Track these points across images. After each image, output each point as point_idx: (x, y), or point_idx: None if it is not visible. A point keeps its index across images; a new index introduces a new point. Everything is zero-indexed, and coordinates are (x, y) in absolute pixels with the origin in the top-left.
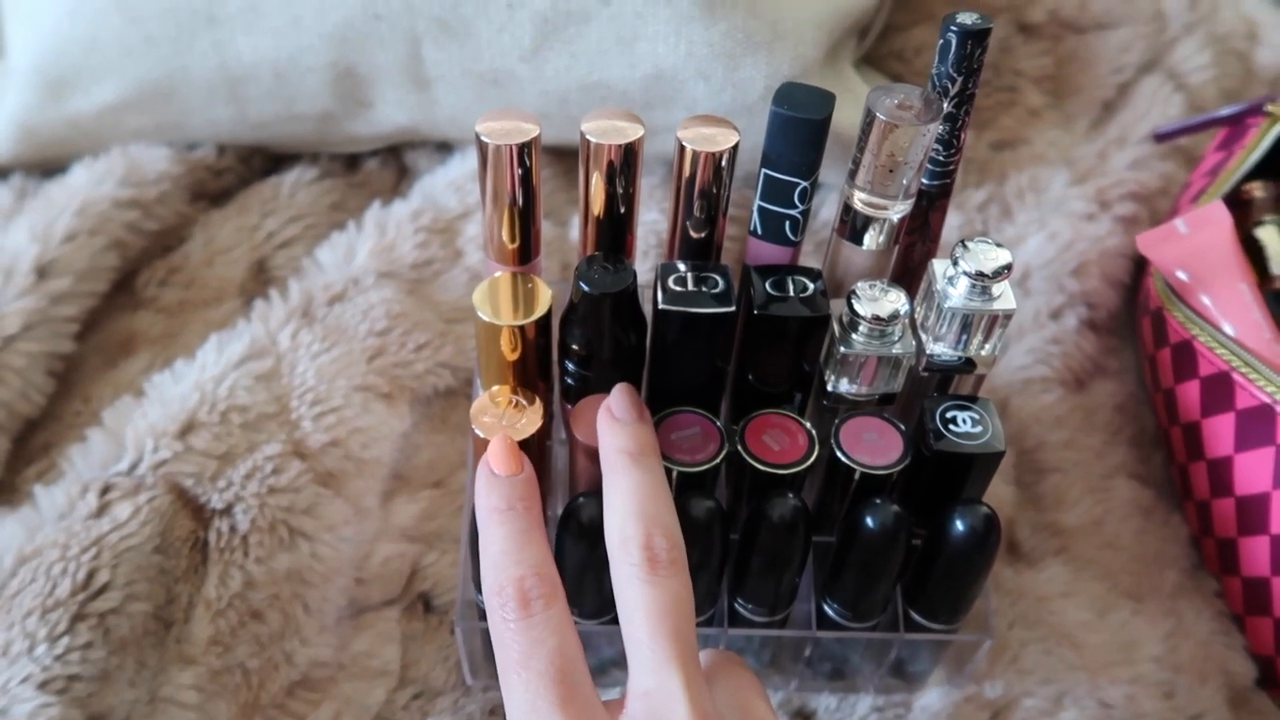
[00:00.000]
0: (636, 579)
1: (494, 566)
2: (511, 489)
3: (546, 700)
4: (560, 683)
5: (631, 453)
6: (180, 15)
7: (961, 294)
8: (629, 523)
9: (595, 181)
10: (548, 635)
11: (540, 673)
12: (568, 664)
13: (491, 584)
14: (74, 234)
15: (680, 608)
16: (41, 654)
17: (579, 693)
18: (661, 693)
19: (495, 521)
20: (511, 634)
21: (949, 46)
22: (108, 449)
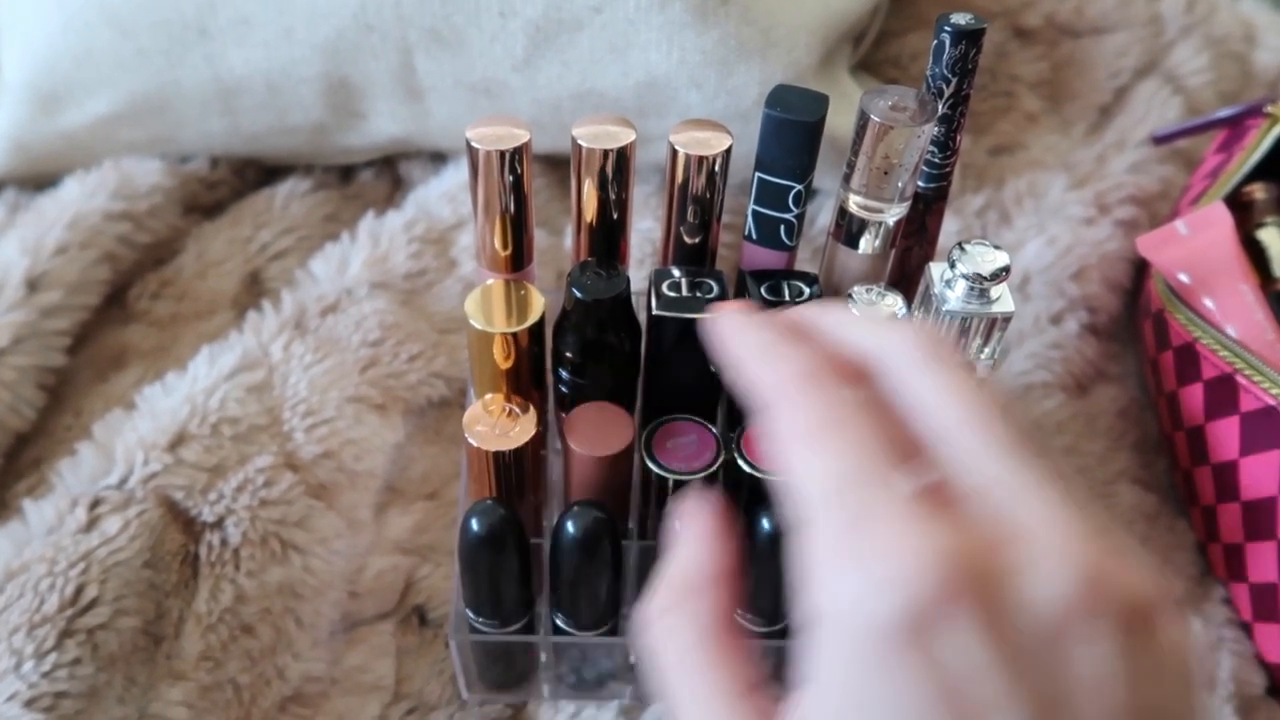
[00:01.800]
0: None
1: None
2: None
3: (873, 464)
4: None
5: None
6: (172, 28)
7: (959, 297)
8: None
9: (587, 187)
10: (852, 397)
11: (857, 431)
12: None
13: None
14: (65, 247)
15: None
16: (28, 671)
17: (903, 467)
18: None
19: (748, 328)
20: (807, 398)
21: (943, 47)
22: (97, 463)
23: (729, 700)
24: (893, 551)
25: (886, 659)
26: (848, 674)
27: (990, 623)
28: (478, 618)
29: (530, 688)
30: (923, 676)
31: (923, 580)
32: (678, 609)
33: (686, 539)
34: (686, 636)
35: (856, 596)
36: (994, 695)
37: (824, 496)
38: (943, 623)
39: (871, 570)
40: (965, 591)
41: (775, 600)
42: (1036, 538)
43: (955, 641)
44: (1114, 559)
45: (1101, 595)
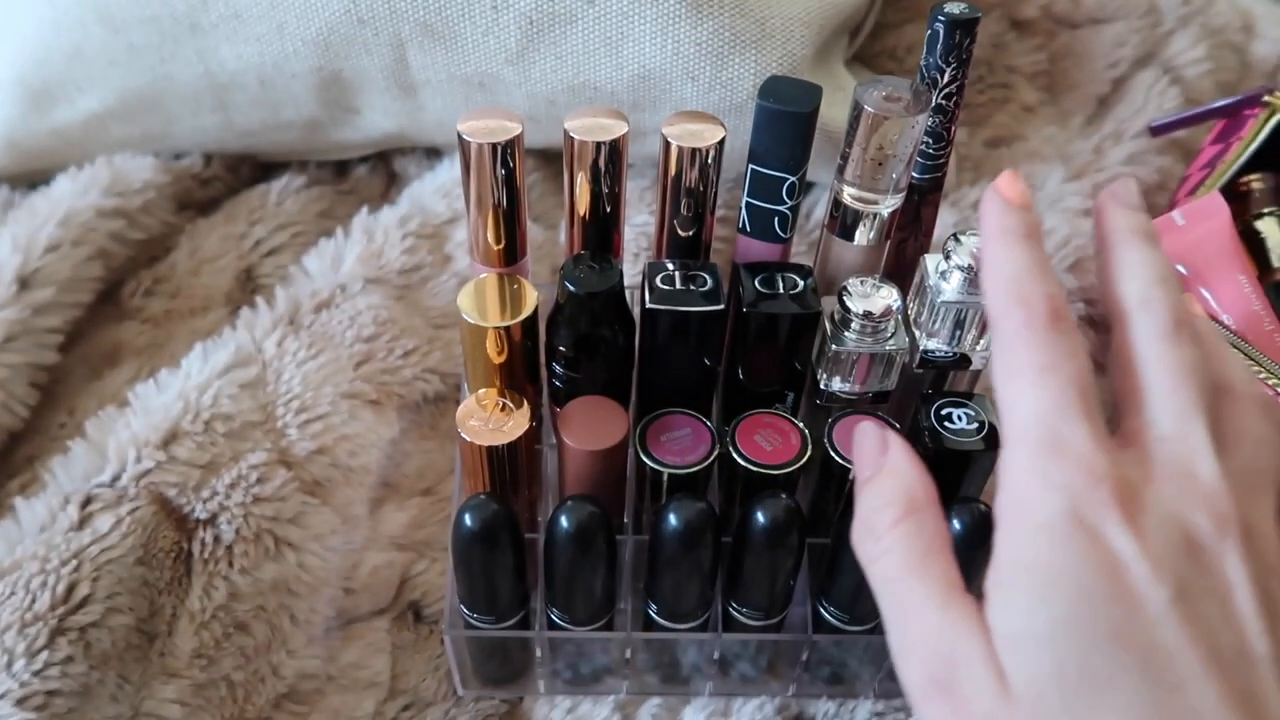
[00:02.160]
0: (1161, 338)
1: (1015, 280)
2: (1032, 220)
3: (1074, 407)
4: (1086, 396)
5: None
6: (163, 24)
7: (955, 288)
8: (1154, 285)
9: (580, 180)
10: (1077, 350)
11: (1070, 379)
12: (1091, 385)
13: (1013, 293)
14: (57, 244)
15: (1203, 367)
16: (20, 669)
17: (1098, 413)
18: (1183, 441)
19: (1015, 242)
20: (1040, 341)
21: (937, 37)
22: (90, 460)
23: (960, 593)
24: (1067, 471)
25: (1060, 540)
26: (1033, 550)
27: (1138, 526)
28: (473, 613)
29: (526, 683)
30: (1090, 552)
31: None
32: (910, 519)
33: (895, 463)
34: (920, 543)
35: (1040, 498)
36: (1145, 574)
37: (1029, 424)
38: (1102, 522)
39: (1056, 480)
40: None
41: (770, 593)
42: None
43: (1112, 528)
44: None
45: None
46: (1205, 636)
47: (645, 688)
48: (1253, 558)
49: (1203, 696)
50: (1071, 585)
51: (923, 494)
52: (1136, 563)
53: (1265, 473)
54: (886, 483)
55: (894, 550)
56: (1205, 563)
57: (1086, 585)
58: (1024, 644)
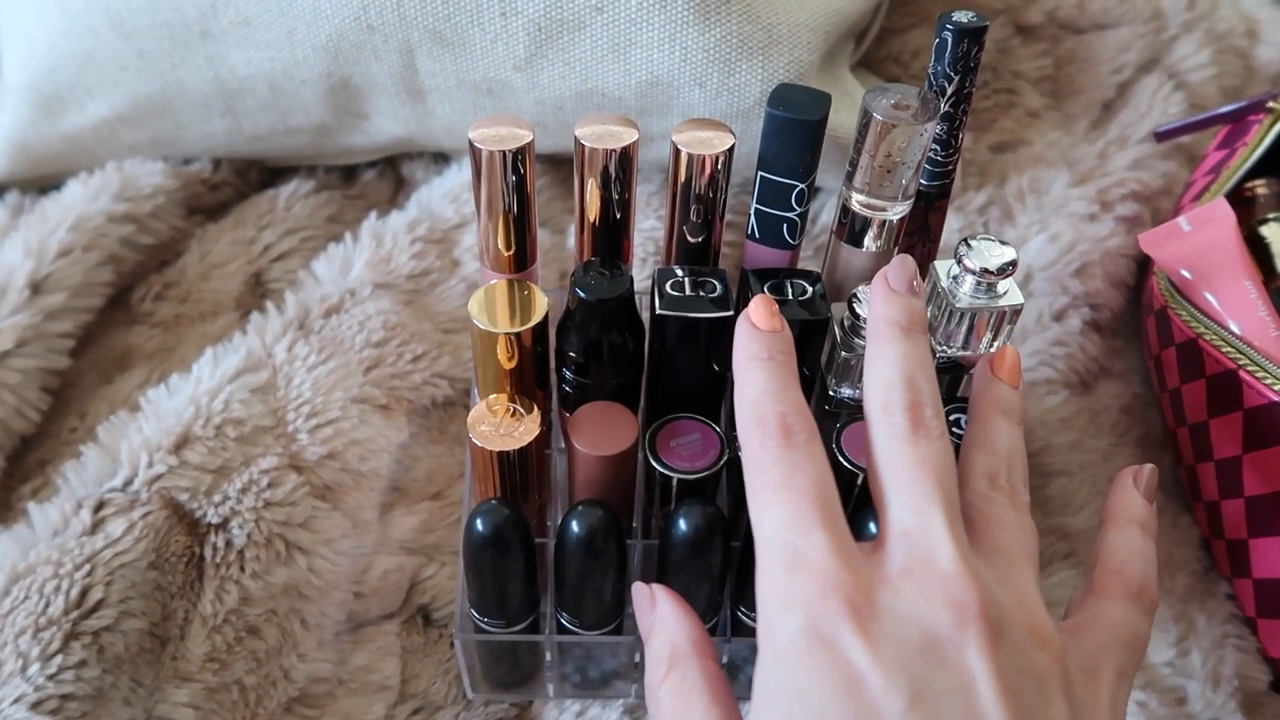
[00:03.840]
0: (898, 438)
1: (753, 403)
2: (774, 341)
3: (809, 518)
4: (822, 505)
5: (902, 324)
6: (174, 30)
7: (967, 292)
8: (894, 388)
9: (590, 187)
10: (810, 463)
11: (802, 492)
12: (829, 491)
13: (750, 417)
14: (69, 249)
15: (944, 461)
16: (34, 673)
17: (838, 518)
18: (923, 533)
19: (756, 367)
20: (772, 459)
21: (945, 45)
22: (102, 465)
23: None
24: (803, 584)
25: (799, 659)
26: (777, 676)
27: (871, 634)
28: (483, 617)
29: (535, 687)
30: (826, 668)
31: (819, 603)
32: (674, 673)
33: (661, 618)
34: (683, 693)
35: (780, 619)
36: (880, 686)
37: (770, 542)
38: (836, 633)
39: (793, 598)
40: (852, 614)
41: None
42: (926, 568)
43: (847, 642)
44: (975, 613)
45: (959, 627)
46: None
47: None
48: (997, 643)
49: None
50: (810, 708)
51: (686, 644)
52: (871, 673)
53: (1015, 549)
54: (655, 640)
55: (664, 705)
56: (945, 658)
57: (824, 706)
58: None
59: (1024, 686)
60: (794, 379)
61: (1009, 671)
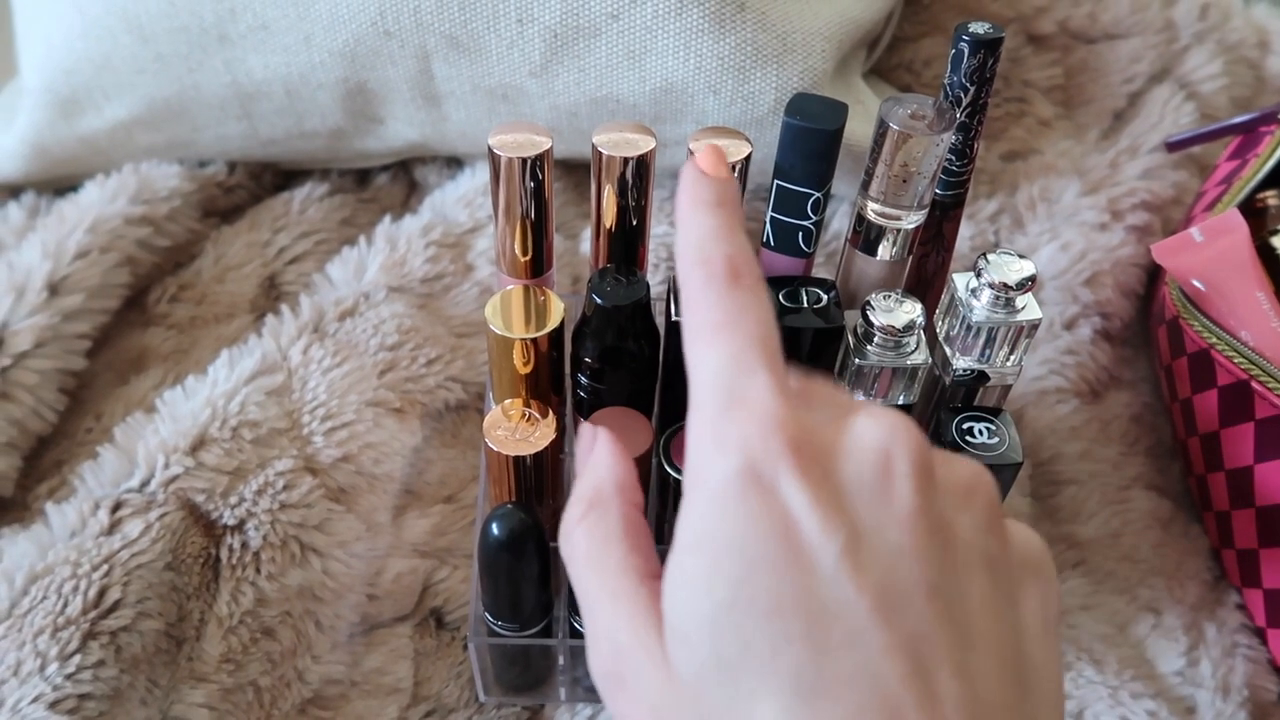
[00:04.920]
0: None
1: (699, 245)
2: (723, 189)
3: (751, 358)
4: (766, 347)
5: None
6: (191, 34)
7: (985, 306)
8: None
9: (607, 194)
10: (756, 305)
11: (747, 333)
12: (773, 335)
13: (695, 257)
14: (86, 251)
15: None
16: (53, 673)
17: (781, 362)
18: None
19: (704, 210)
20: (716, 298)
21: (961, 56)
22: (119, 466)
23: (634, 583)
24: (741, 424)
25: (732, 502)
26: (706, 522)
27: (812, 474)
28: (497, 621)
29: (548, 690)
30: (761, 513)
31: (759, 443)
32: (592, 513)
33: (593, 460)
34: (598, 535)
35: (714, 460)
36: (816, 527)
37: (707, 383)
38: (775, 475)
39: (729, 439)
40: (794, 452)
41: None
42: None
43: (785, 484)
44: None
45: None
46: (875, 582)
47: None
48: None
49: (868, 649)
50: (741, 556)
51: (611, 486)
52: (808, 516)
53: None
54: (582, 480)
55: (577, 544)
56: (883, 492)
57: (756, 554)
58: (686, 633)
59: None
60: (742, 226)
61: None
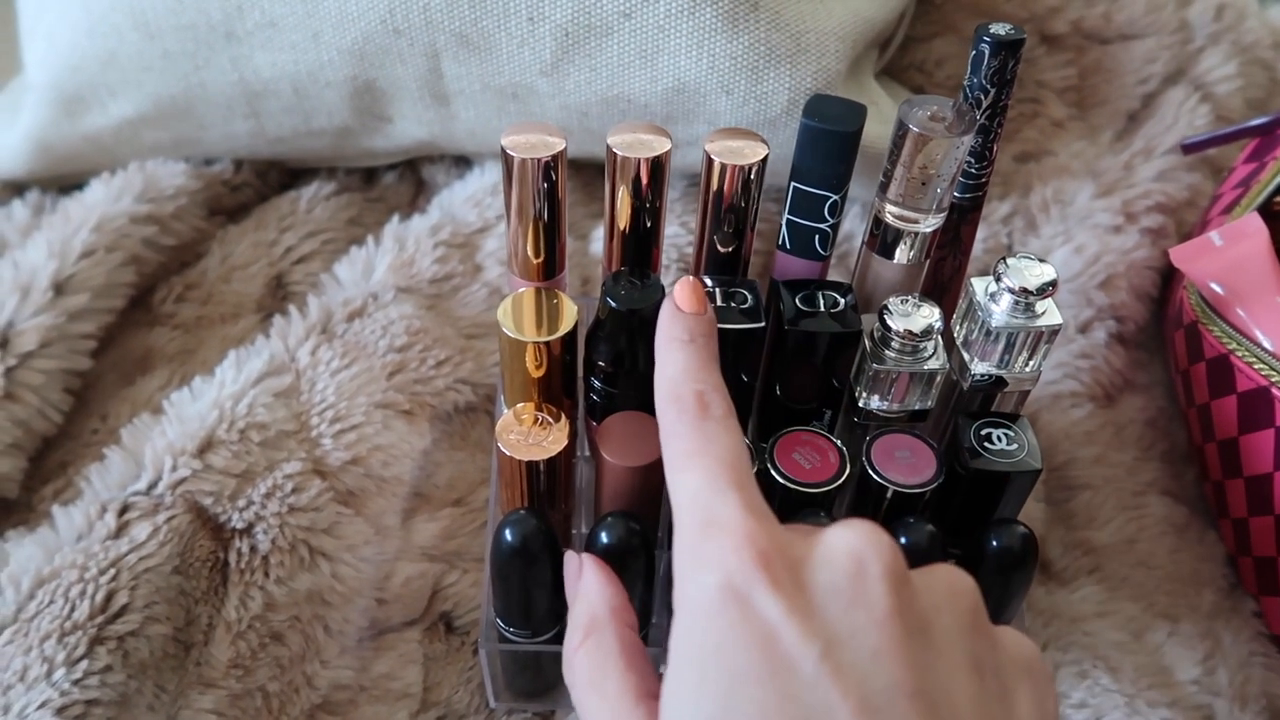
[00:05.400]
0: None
1: (672, 381)
2: (696, 324)
3: (722, 480)
4: (735, 469)
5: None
6: (198, 31)
7: (1005, 311)
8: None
9: (621, 195)
10: (724, 434)
11: (717, 458)
12: (742, 459)
13: (668, 394)
14: (91, 250)
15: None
16: (60, 678)
17: (751, 482)
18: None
19: (676, 348)
20: (687, 429)
21: (982, 58)
22: (126, 468)
23: (632, 702)
24: (717, 542)
25: (714, 617)
26: (692, 636)
27: (784, 585)
28: (508, 627)
29: (558, 696)
30: (740, 626)
31: (734, 559)
32: (590, 639)
33: (583, 587)
34: (597, 659)
35: (694, 578)
36: (794, 637)
37: (685, 507)
38: (750, 588)
39: (708, 560)
40: (766, 566)
41: None
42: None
43: (761, 599)
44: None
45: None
46: (856, 686)
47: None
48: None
49: None
50: (726, 667)
51: (605, 611)
52: (785, 625)
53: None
54: (576, 609)
55: (579, 670)
56: (857, 596)
57: (738, 666)
58: None
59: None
60: (713, 361)
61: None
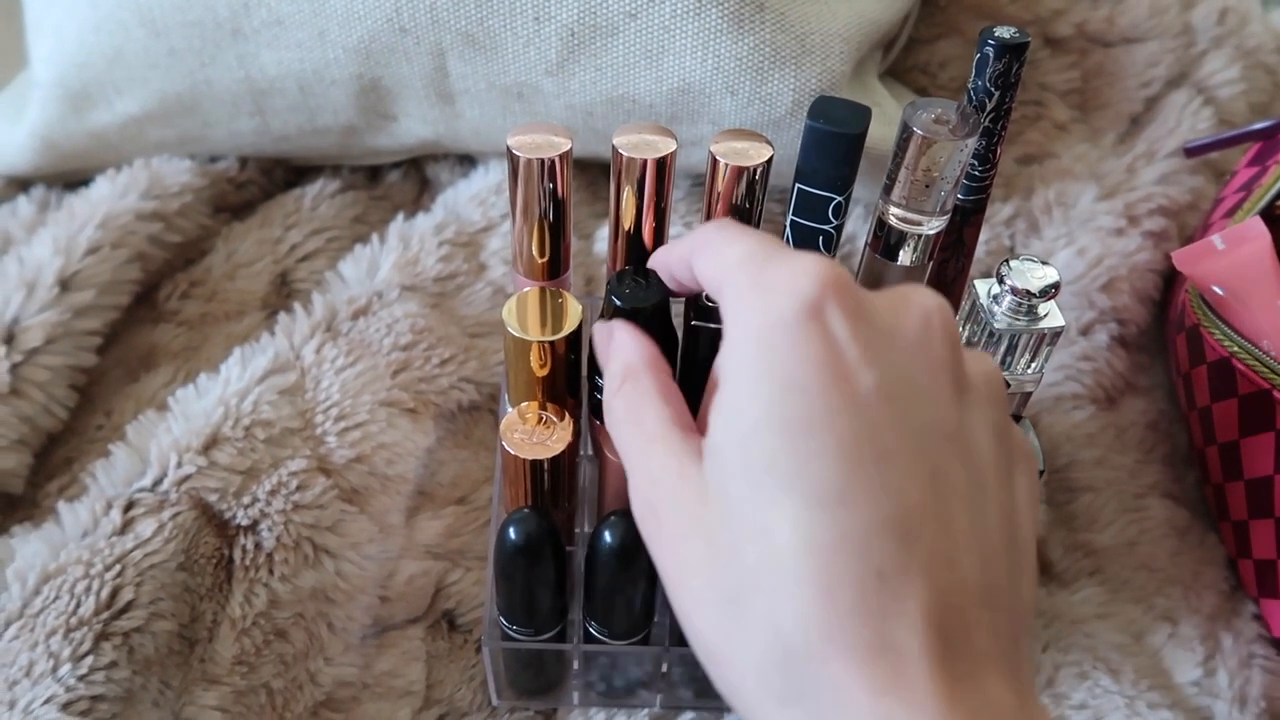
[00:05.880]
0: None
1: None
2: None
3: (775, 242)
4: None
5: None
6: (205, 29)
7: (1007, 313)
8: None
9: (626, 196)
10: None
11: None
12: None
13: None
14: (97, 246)
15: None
16: (65, 674)
17: None
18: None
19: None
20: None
21: (986, 60)
22: (131, 464)
23: (669, 428)
24: (789, 274)
25: (778, 332)
26: (745, 348)
27: (854, 312)
28: (511, 625)
29: (560, 694)
30: (817, 341)
31: (812, 285)
32: (627, 383)
33: (617, 344)
34: (634, 399)
35: (766, 306)
36: (856, 358)
37: (746, 253)
38: (826, 310)
39: (776, 286)
40: (838, 293)
41: None
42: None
43: (834, 320)
44: (950, 317)
45: (935, 319)
46: (903, 416)
47: (679, 701)
48: (959, 348)
49: (895, 471)
50: (780, 379)
51: (638, 359)
52: (850, 347)
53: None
54: (612, 364)
55: (616, 409)
56: (919, 342)
57: (796, 375)
58: (719, 449)
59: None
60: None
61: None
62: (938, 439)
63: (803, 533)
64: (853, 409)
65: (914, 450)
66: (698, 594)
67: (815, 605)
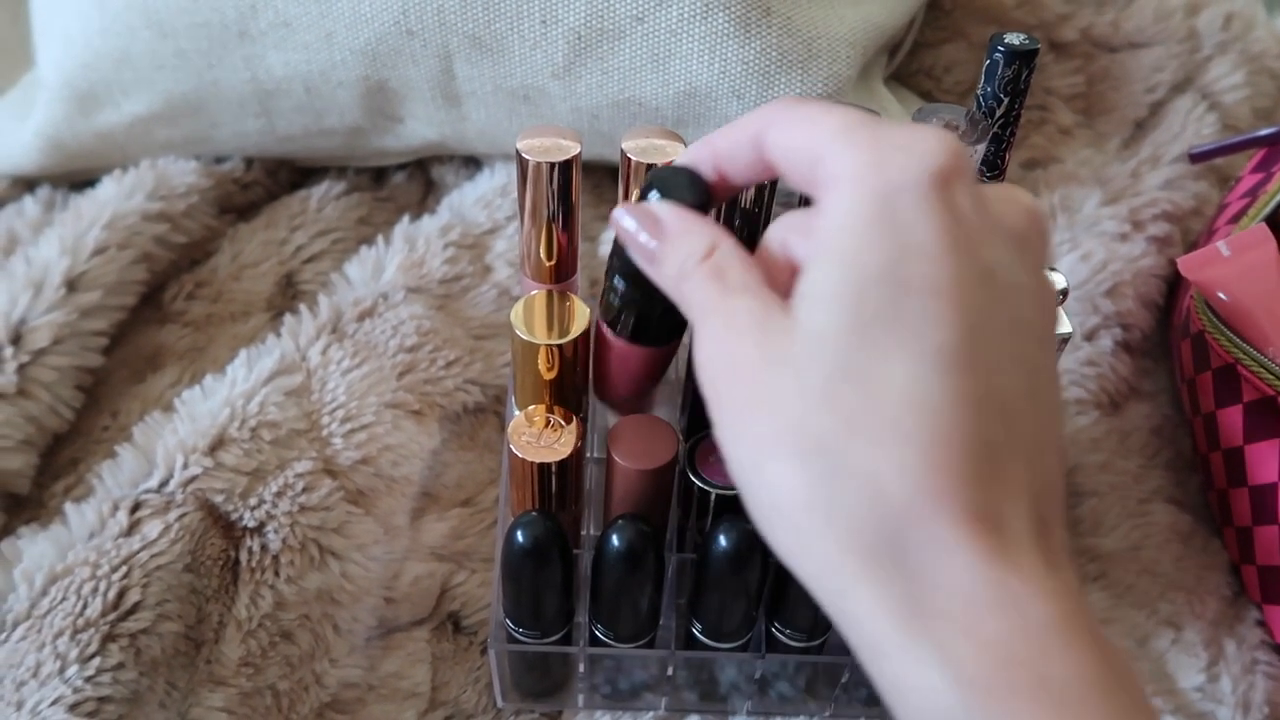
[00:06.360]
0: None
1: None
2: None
3: None
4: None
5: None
6: (212, 30)
7: None
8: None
9: (635, 199)
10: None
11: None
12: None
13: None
14: (104, 247)
15: None
16: (72, 675)
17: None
18: None
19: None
20: None
21: (996, 67)
22: (138, 466)
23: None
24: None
25: (917, 198)
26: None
27: (976, 192)
28: (518, 627)
29: (565, 697)
30: (944, 210)
31: (942, 154)
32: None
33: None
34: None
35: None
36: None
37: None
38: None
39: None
40: (966, 168)
41: (814, 616)
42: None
43: (961, 194)
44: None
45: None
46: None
47: (683, 704)
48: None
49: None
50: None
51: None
52: (972, 218)
53: None
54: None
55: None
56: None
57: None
58: (824, 297)
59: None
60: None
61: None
62: (1031, 338)
63: (916, 389)
64: (974, 283)
65: (1016, 341)
66: (767, 443)
67: (924, 462)
